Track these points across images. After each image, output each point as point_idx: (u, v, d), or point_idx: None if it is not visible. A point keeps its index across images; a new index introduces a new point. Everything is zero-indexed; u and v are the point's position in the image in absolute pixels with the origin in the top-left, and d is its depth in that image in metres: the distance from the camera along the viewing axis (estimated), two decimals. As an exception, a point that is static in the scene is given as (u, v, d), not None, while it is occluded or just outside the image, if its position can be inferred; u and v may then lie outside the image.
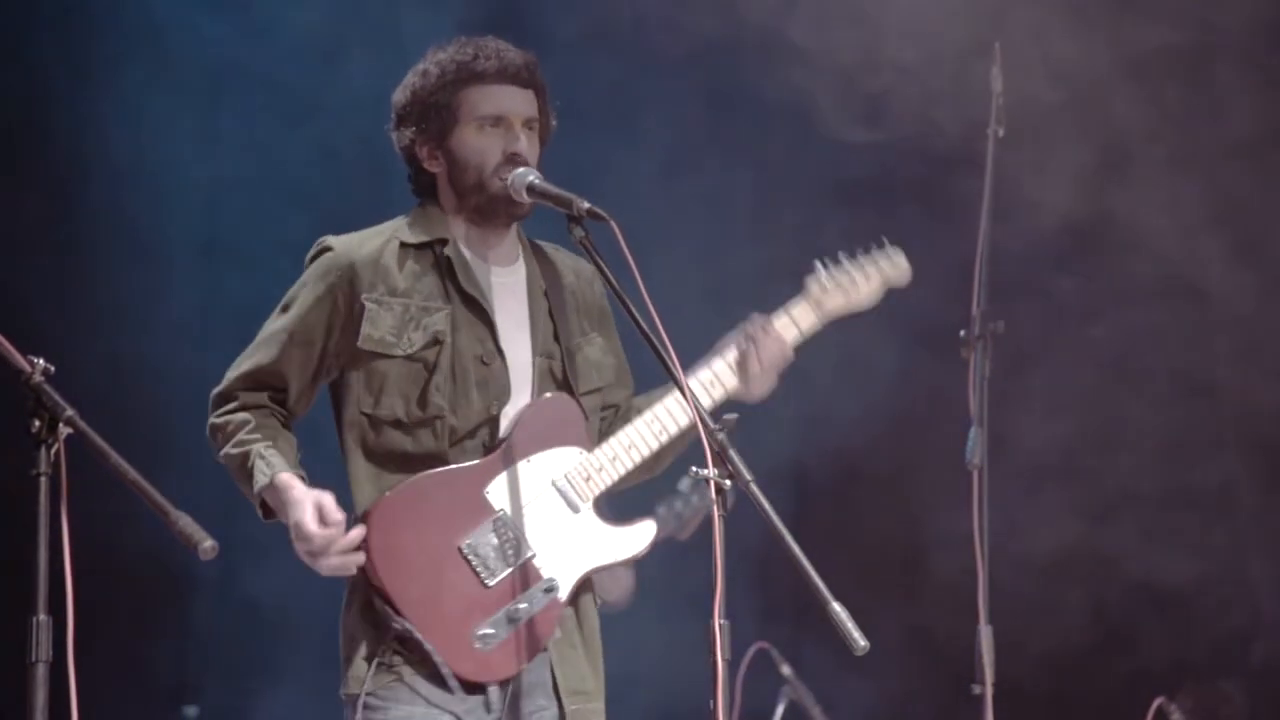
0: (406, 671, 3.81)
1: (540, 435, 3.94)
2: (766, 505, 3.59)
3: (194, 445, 4.06)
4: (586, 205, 3.77)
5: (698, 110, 7.00)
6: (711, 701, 3.54)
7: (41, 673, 3.15)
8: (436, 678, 3.81)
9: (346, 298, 3.90)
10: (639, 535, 3.99)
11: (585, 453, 3.97)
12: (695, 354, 4.07)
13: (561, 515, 3.93)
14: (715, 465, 3.61)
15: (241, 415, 3.91)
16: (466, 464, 3.89)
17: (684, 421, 4.01)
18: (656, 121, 6.96)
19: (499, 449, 3.91)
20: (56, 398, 3.18)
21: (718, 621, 3.54)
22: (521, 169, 3.92)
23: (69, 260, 6.70)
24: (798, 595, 3.65)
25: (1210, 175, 6.60)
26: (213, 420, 3.94)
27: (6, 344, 3.23)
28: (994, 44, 5.03)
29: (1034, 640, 6.59)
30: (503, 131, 3.96)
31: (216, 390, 3.97)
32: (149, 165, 6.69)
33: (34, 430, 3.18)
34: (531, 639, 3.86)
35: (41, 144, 6.65)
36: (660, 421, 4.02)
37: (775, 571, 4.06)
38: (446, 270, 3.96)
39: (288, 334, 3.92)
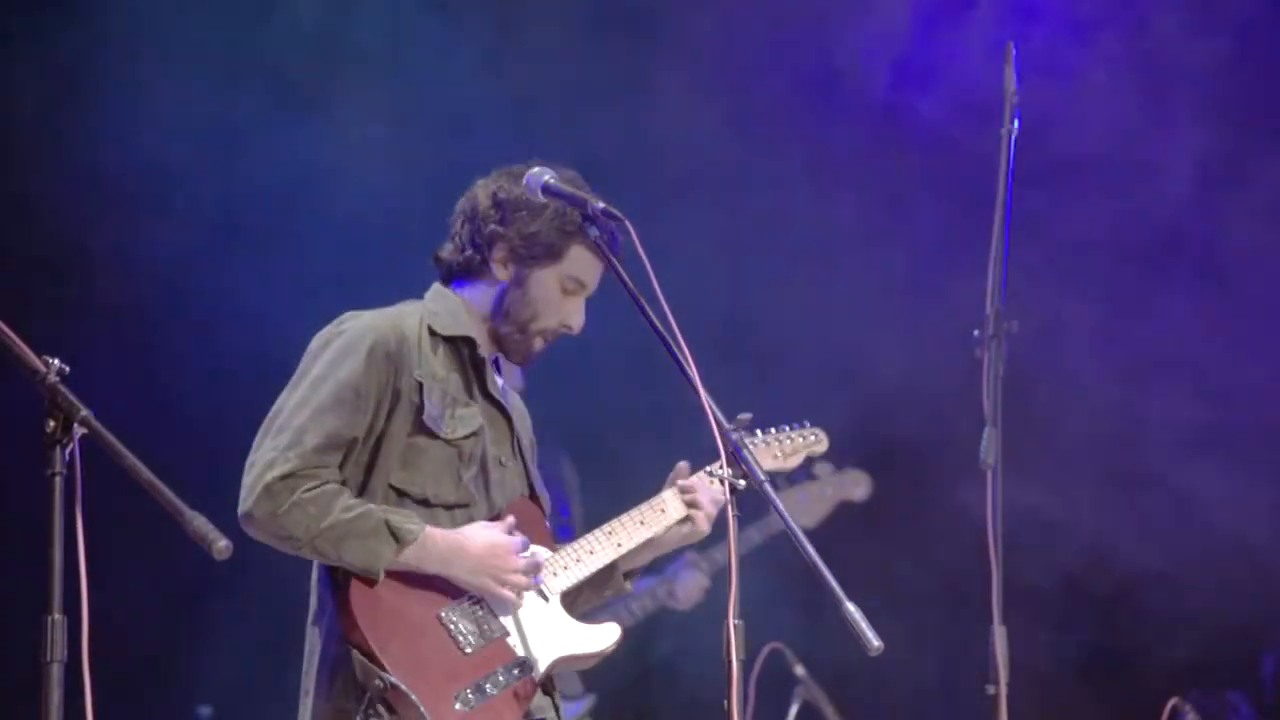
0: None
1: (516, 530, 3.97)
2: (780, 506, 3.60)
3: (206, 446, 4.05)
4: (601, 205, 3.79)
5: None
6: (726, 702, 3.55)
7: (56, 672, 3.15)
8: None
9: (398, 372, 3.87)
10: (605, 634, 4.04)
11: (551, 552, 4.02)
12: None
13: (533, 603, 3.96)
14: (728, 466, 3.62)
15: (333, 486, 3.81)
16: None
17: (640, 538, 4.10)
18: (682, 101, 6.96)
19: None
20: (71, 398, 3.18)
21: (732, 622, 3.55)
22: (537, 169, 3.92)
23: (82, 260, 6.71)
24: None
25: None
26: (300, 496, 3.75)
27: (21, 344, 3.23)
28: (1008, 43, 5.02)
29: (1049, 639, 6.60)
30: (577, 298, 4.00)
31: (281, 472, 3.76)
32: (169, 165, 6.70)
33: (49, 430, 3.18)
34: (507, 710, 3.86)
35: (55, 139, 6.66)
36: (617, 535, 4.08)
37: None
38: (475, 371, 3.98)
39: (354, 399, 3.83)
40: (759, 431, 4.36)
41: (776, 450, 4.37)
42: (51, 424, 3.18)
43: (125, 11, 6.73)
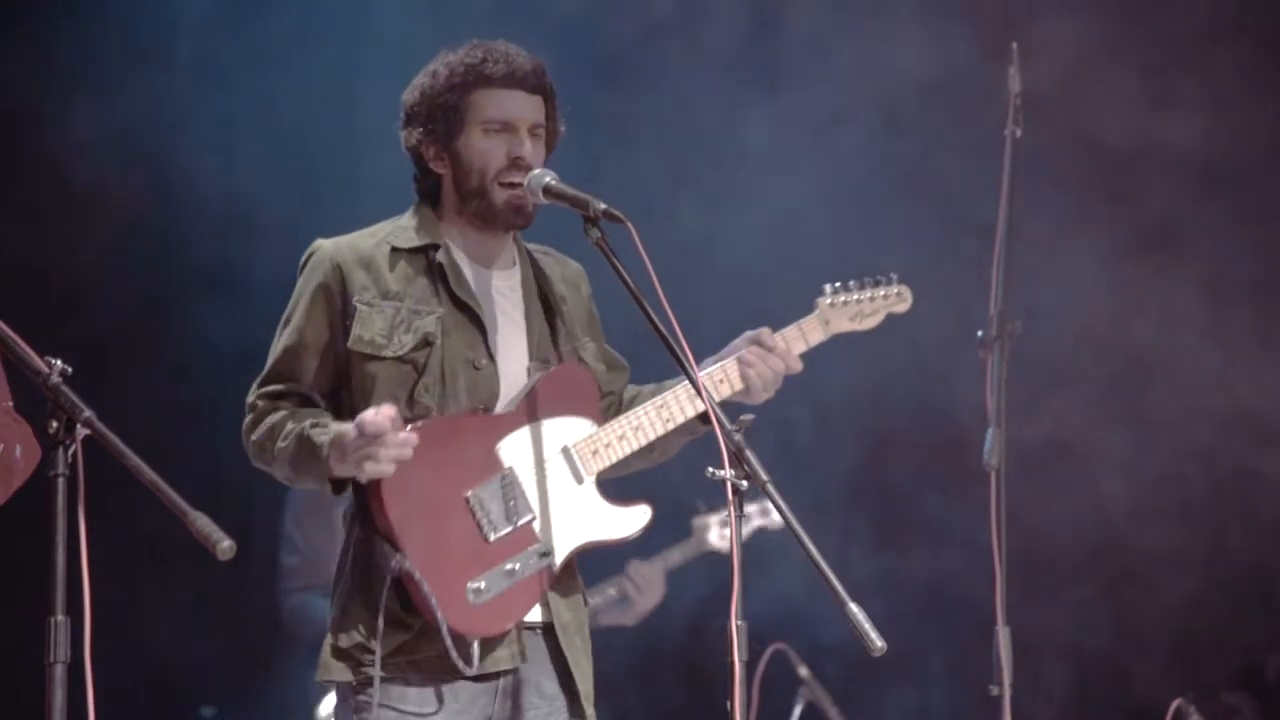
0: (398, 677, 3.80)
1: (557, 401, 3.95)
2: (784, 506, 3.60)
3: (213, 445, 4.05)
4: (603, 206, 3.79)
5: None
6: (729, 703, 3.55)
7: (59, 673, 3.16)
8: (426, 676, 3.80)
9: (340, 299, 3.92)
10: (634, 517, 3.99)
11: (595, 426, 3.99)
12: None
13: (565, 484, 3.93)
14: (732, 466, 3.62)
15: (277, 415, 3.89)
16: (486, 415, 3.90)
17: (690, 412, 4.02)
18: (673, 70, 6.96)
19: (518, 407, 3.93)
20: (74, 399, 3.18)
21: (735, 623, 3.55)
22: (538, 170, 3.93)
23: (88, 260, 6.72)
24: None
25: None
26: (253, 438, 3.90)
27: (24, 345, 3.24)
28: (1011, 43, 5.01)
29: (1053, 640, 6.60)
30: (508, 136, 3.96)
31: (250, 418, 3.92)
32: (171, 171, 6.70)
33: (51, 431, 3.19)
34: (521, 601, 3.86)
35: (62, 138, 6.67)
36: (669, 409, 4.02)
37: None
38: (438, 275, 3.96)
39: (298, 347, 3.93)
40: (834, 287, 4.19)
41: (854, 310, 4.21)
42: (54, 425, 3.19)
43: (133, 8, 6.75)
